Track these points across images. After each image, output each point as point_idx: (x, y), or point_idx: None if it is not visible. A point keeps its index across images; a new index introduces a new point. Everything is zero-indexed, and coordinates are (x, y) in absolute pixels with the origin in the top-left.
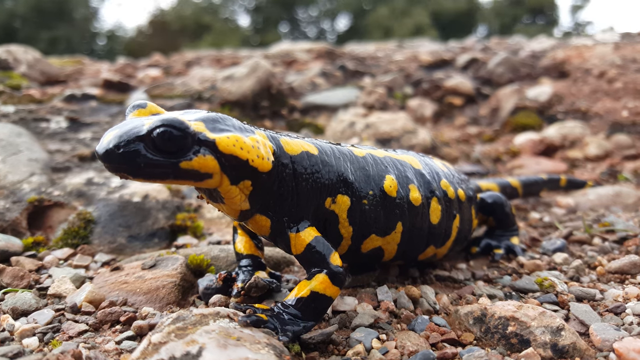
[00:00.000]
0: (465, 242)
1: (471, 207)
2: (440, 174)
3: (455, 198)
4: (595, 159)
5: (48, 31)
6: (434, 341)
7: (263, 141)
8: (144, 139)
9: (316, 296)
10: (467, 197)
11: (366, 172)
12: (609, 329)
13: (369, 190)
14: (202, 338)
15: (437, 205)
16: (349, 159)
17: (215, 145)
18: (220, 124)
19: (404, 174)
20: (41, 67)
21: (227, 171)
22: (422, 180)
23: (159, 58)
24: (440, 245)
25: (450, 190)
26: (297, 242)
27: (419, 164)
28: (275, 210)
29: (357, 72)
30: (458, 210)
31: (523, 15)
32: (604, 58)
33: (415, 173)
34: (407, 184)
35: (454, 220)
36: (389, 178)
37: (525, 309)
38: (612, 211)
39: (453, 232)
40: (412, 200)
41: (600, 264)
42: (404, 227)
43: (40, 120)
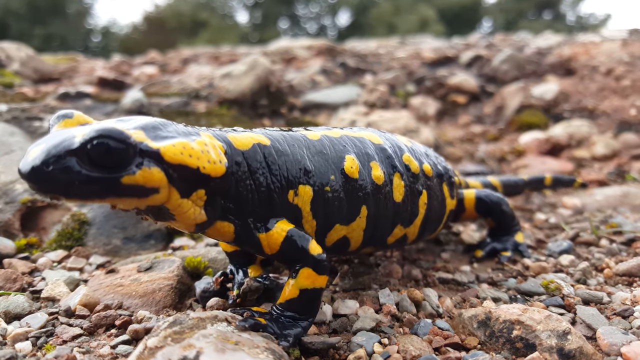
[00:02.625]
0: (438, 224)
1: (442, 184)
2: (403, 148)
3: (420, 173)
4: (603, 159)
5: (41, 28)
6: (437, 345)
7: (212, 142)
8: (77, 153)
9: (305, 293)
10: (435, 173)
11: (324, 156)
12: (616, 332)
13: (330, 176)
14: (199, 342)
15: (400, 182)
16: (305, 144)
17: (160, 155)
18: (161, 130)
19: (364, 151)
20: (34, 65)
21: (175, 183)
22: (383, 155)
23: (155, 55)
24: (408, 224)
25: (414, 164)
26: (270, 242)
27: (378, 139)
28: (237, 213)
29: (359, 69)
30: (425, 187)
31: (528, 11)
32: (611, 55)
33: (375, 149)
34: (369, 162)
35: (421, 197)
36: (349, 158)
37: (531, 313)
38: (620, 212)
39: (420, 209)
40: (375, 179)
41: (608, 266)
42: (368, 211)
43: (34, 119)
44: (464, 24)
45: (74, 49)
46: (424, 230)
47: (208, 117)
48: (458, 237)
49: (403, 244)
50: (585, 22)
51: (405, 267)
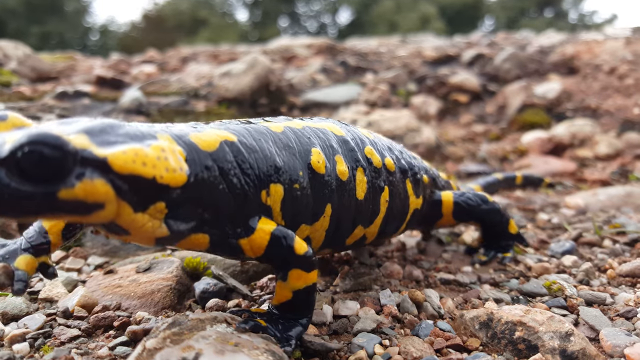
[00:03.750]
0: (399, 224)
1: (405, 180)
2: (364, 141)
3: (382, 167)
4: (606, 158)
5: (39, 26)
6: (438, 347)
7: (170, 147)
8: (6, 163)
9: (299, 293)
10: (397, 167)
11: (291, 150)
12: (619, 334)
13: (299, 172)
14: (198, 344)
15: (363, 177)
16: (270, 137)
17: (108, 164)
18: (110, 134)
19: (328, 144)
20: (32, 63)
21: (126, 197)
22: (346, 148)
23: (153, 54)
24: (368, 224)
25: (376, 158)
26: (254, 246)
27: (340, 130)
28: (213, 222)
29: (359, 68)
30: (387, 183)
31: (530, 9)
32: (614, 53)
33: (338, 141)
34: (334, 156)
35: (382, 194)
36: (315, 152)
37: (533, 314)
38: (623, 212)
39: (382, 207)
40: (340, 175)
41: (611, 267)
42: (332, 210)
43: (31, 118)
44: (465, 22)
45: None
46: (384, 231)
47: (207, 116)
48: (459, 238)
49: (361, 245)
50: (588, 20)
51: (407, 267)
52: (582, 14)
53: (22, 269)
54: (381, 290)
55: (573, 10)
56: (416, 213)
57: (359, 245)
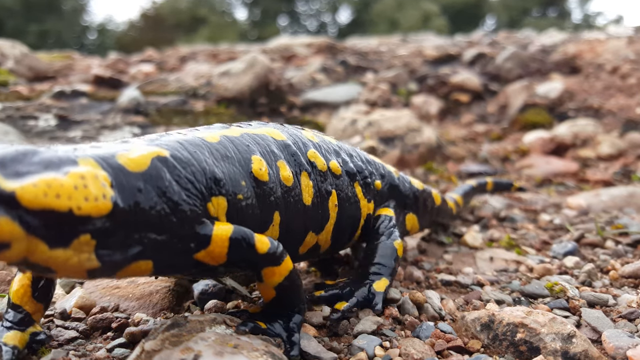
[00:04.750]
0: (354, 230)
1: (353, 184)
2: (307, 144)
3: (327, 171)
4: (608, 158)
5: (36, 25)
6: (439, 349)
7: (92, 173)
8: None
9: (281, 287)
10: (344, 171)
11: (230, 160)
12: (622, 335)
13: (240, 182)
14: (197, 345)
15: (309, 181)
16: (206, 149)
17: (16, 199)
18: (22, 163)
19: (268, 150)
20: (29, 63)
21: (38, 233)
22: (288, 153)
23: (152, 53)
24: (319, 230)
25: (320, 160)
26: (214, 256)
27: (281, 134)
28: (157, 246)
29: (359, 67)
30: (334, 186)
31: (533, 8)
32: (617, 53)
33: (279, 146)
34: (275, 161)
35: (330, 198)
36: (256, 159)
37: (535, 315)
38: (626, 213)
39: (331, 212)
40: (284, 180)
41: (613, 268)
42: (281, 217)
43: (28, 117)
44: (467, 21)
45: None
46: (337, 237)
47: (206, 116)
48: (461, 239)
49: (315, 255)
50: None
51: (407, 268)
52: (587, 15)
53: (12, 344)
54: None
55: (578, 10)
56: (369, 218)
57: (314, 255)
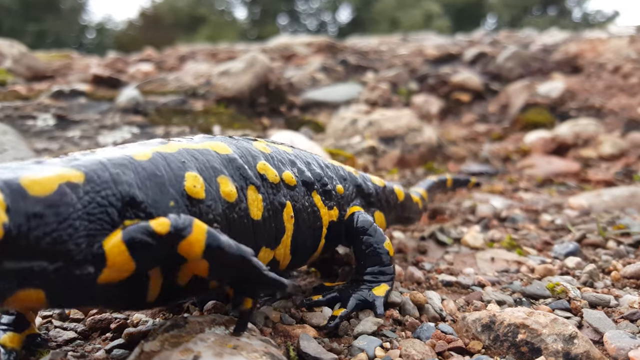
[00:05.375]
0: (316, 240)
1: (311, 193)
2: (257, 156)
3: (280, 183)
4: (610, 158)
5: (34, 24)
6: (440, 350)
7: None
8: None
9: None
10: (300, 181)
11: (159, 179)
12: (624, 336)
13: (168, 202)
14: (197, 346)
15: (257, 195)
16: (132, 168)
17: None
18: None
19: (208, 165)
20: (27, 62)
21: None
22: (232, 167)
23: (151, 52)
24: (275, 244)
25: (271, 172)
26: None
27: (227, 148)
28: (50, 276)
29: (360, 67)
30: (288, 198)
31: (533, 7)
32: (618, 52)
33: (222, 160)
34: (216, 177)
35: (285, 210)
36: (190, 176)
37: (536, 316)
38: (628, 213)
39: (287, 224)
40: (226, 196)
41: (615, 269)
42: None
43: (27, 117)
44: (468, 20)
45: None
46: (297, 250)
47: (206, 115)
48: (462, 239)
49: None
50: (592, 18)
51: (408, 269)
52: (586, 13)
53: (10, 346)
54: None
55: (577, 8)
56: (334, 226)
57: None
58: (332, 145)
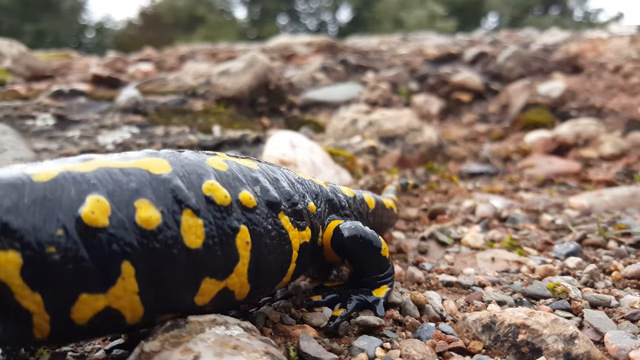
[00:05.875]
0: (284, 265)
1: (277, 214)
2: (205, 175)
3: (232, 204)
4: (611, 158)
5: (33, 23)
6: (440, 350)
7: None
8: None
9: None
10: (262, 201)
11: (50, 204)
12: (625, 337)
13: (55, 230)
14: (197, 347)
15: (196, 220)
16: (20, 190)
17: None
18: None
19: (125, 187)
20: (27, 62)
21: None
22: (163, 189)
23: (150, 52)
24: (224, 274)
25: (221, 193)
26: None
27: (165, 166)
28: None
29: (360, 66)
30: (244, 221)
31: (534, 6)
32: (619, 52)
33: (151, 181)
34: (131, 201)
35: (238, 235)
36: (92, 200)
37: (537, 316)
38: (628, 213)
39: (241, 251)
40: (142, 223)
41: (616, 269)
42: (137, 267)
43: (26, 117)
44: (468, 20)
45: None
46: (259, 277)
47: (205, 115)
48: (462, 239)
49: (230, 302)
50: (593, 18)
51: (408, 269)
52: (587, 12)
53: (9, 346)
54: None
55: (578, 8)
56: (307, 247)
57: (228, 302)
58: (332, 145)
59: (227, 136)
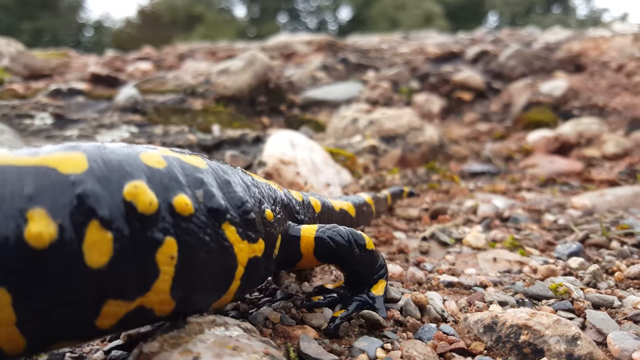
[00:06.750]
0: (224, 282)
1: (221, 224)
2: (131, 175)
3: (159, 212)
4: (614, 158)
5: (31, 22)
6: (441, 351)
7: None
8: None
9: None
10: (203, 208)
11: None
12: (628, 338)
13: None
14: (196, 347)
15: (104, 234)
16: None
17: None
18: None
19: (18, 192)
20: (25, 60)
21: None
22: (69, 194)
23: (149, 51)
24: (137, 293)
25: (145, 199)
26: None
27: (81, 164)
28: None
29: (360, 65)
30: (171, 232)
31: (536, 4)
32: (622, 50)
33: (55, 184)
34: (23, 211)
35: (161, 249)
36: None
37: (539, 317)
38: (631, 213)
39: (163, 267)
40: (31, 240)
41: (619, 269)
42: (16, 294)
43: (24, 116)
44: (469, 18)
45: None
46: (189, 295)
47: (205, 114)
48: (464, 239)
49: (150, 320)
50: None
51: (409, 269)
52: (592, 11)
53: None
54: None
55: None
56: (258, 262)
57: (146, 320)
58: (333, 145)
59: (226, 135)
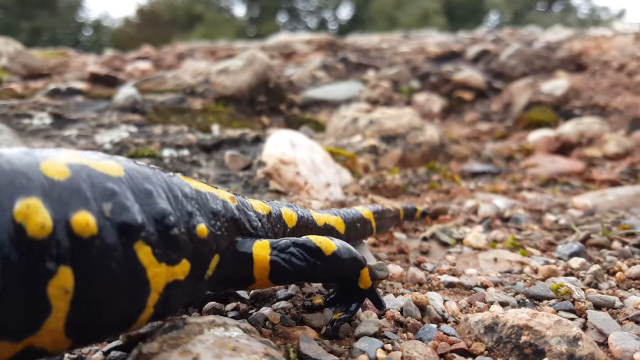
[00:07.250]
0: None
1: (132, 244)
2: (25, 190)
3: (52, 235)
4: (615, 157)
5: (30, 21)
6: (442, 351)
7: None
8: None
9: None
10: (109, 226)
11: None
12: (629, 338)
13: None
14: (196, 348)
15: None
16: None
17: None
18: None
19: None
20: (23, 60)
21: None
22: None
23: (148, 50)
24: (24, 334)
25: (36, 220)
26: None
27: None
28: None
29: (360, 64)
30: (68, 259)
31: (537, 3)
32: (623, 49)
33: None
34: None
35: (54, 280)
36: None
37: (540, 317)
38: (633, 213)
39: (55, 301)
40: None
41: (620, 270)
42: None
43: (23, 116)
44: (469, 18)
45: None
46: (89, 331)
47: (204, 114)
48: (464, 239)
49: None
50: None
51: (409, 269)
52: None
53: None
54: (383, 294)
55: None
56: (178, 287)
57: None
58: (333, 144)
59: (226, 135)
